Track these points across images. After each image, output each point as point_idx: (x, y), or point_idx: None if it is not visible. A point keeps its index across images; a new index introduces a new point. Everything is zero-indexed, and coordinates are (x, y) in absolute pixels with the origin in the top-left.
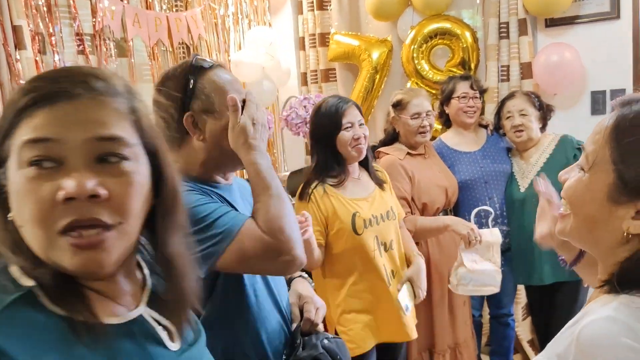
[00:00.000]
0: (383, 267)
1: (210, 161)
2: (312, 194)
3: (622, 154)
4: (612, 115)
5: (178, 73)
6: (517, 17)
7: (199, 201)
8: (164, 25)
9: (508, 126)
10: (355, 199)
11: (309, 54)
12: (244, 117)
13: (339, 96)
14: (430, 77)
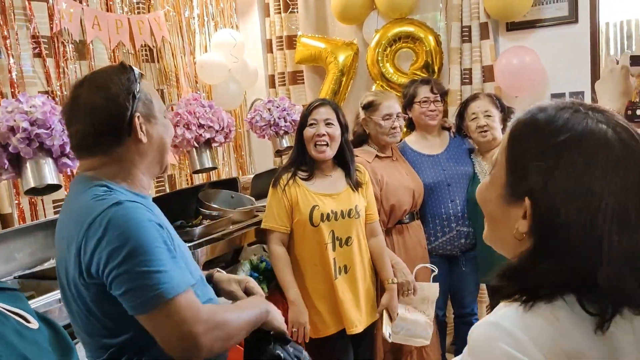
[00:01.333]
0: (333, 261)
1: (146, 164)
2: (281, 181)
3: (513, 156)
4: (513, 120)
5: (120, 76)
6: (479, 20)
7: (152, 234)
8: (126, 27)
9: (473, 127)
10: (320, 194)
11: (277, 56)
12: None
13: (323, 98)
14: (395, 80)
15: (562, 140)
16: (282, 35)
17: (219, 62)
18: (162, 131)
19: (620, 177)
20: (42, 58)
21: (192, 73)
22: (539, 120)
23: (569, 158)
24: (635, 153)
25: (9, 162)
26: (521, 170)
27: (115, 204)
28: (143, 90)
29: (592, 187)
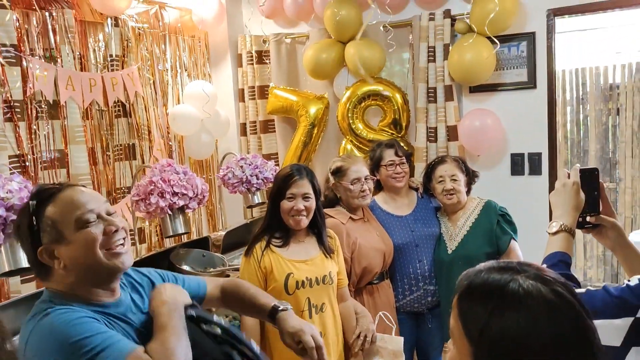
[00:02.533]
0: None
1: (81, 283)
2: (254, 250)
3: (468, 325)
4: (456, 290)
5: (22, 212)
6: (444, 83)
7: (78, 320)
8: (99, 85)
9: (439, 189)
10: (294, 260)
11: (248, 105)
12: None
13: (298, 165)
14: (364, 136)
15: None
16: (254, 85)
17: (191, 113)
18: (76, 251)
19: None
20: (13, 122)
21: (164, 124)
22: (477, 285)
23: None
24: (565, 304)
25: None
26: (486, 340)
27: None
28: (45, 216)
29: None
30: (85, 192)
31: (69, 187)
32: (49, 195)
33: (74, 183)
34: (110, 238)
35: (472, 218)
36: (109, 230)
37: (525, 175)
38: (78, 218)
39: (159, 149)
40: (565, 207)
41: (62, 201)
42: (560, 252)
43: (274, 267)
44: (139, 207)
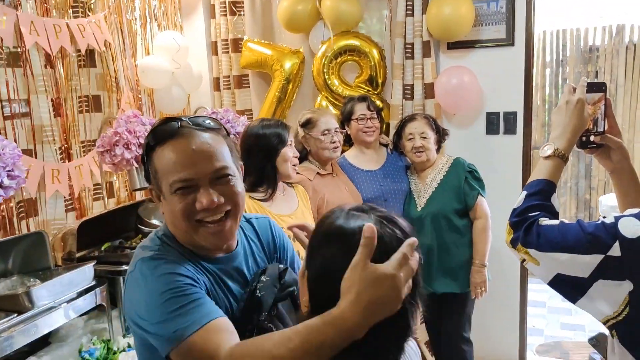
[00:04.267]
0: None
1: (180, 238)
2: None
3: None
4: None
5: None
6: (422, 39)
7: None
8: (65, 32)
9: (409, 147)
10: (282, 215)
11: (222, 59)
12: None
13: (273, 119)
14: (340, 92)
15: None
16: (227, 38)
17: (162, 65)
18: (168, 212)
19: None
20: None
21: (133, 77)
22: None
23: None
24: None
25: None
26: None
27: (140, 261)
28: (152, 160)
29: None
30: (192, 151)
31: (184, 135)
32: (163, 138)
33: (195, 125)
34: (204, 212)
35: (441, 175)
36: (203, 206)
37: (500, 134)
38: (173, 182)
39: (128, 101)
40: (565, 128)
41: (168, 153)
42: (545, 180)
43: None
44: (105, 159)
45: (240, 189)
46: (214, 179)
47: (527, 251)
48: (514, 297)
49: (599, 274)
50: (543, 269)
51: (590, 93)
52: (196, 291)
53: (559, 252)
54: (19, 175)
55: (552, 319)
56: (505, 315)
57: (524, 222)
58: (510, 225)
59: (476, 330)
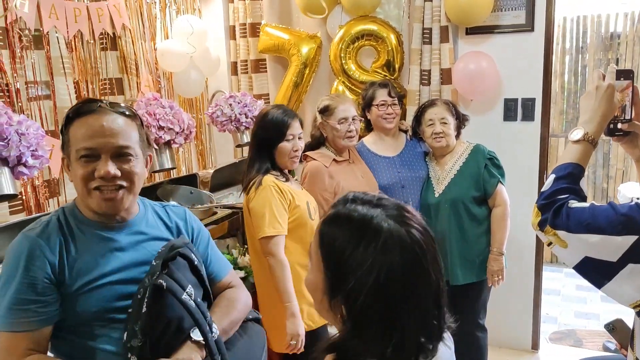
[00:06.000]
0: None
1: (83, 205)
2: (265, 182)
3: (325, 246)
4: (323, 217)
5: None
6: (440, 24)
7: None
8: (84, 15)
9: (429, 133)
10: (298, 191)
11: (240, 43)
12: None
13: (284, 108)
14: (357, 77)
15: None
16: (245, 22)
17: (180, 49)
18: (73, 178)
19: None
20: None
21: (152, 60)
22: (343, 214)
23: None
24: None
25: None
26: (334, 271)
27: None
28: (69, 131)
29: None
30: (102, 126)
31: (99, 112)
32: (81, 112)
33: (112, 107)
34: (101, 180)
35: (460, 161)
36: (100, 174)
37: (517, 121)
38: (79, 149)
39: (147, 85)
40: (595, 113)
41: (81, 125)
42: (574, 164)
43: (294, 195)
44: None
45: (139, 170)
46: (116, 154)
47: (556, 233)
48: (529, 284)
49: (630, 257)
50: (571, 251)
51: (618, 80)
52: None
53: (589, 234)
54: (42, 155)
55: (566, 307)
56: (519, 303)
57: (552, 204)
58: (538, 208)
59: (490, 317)
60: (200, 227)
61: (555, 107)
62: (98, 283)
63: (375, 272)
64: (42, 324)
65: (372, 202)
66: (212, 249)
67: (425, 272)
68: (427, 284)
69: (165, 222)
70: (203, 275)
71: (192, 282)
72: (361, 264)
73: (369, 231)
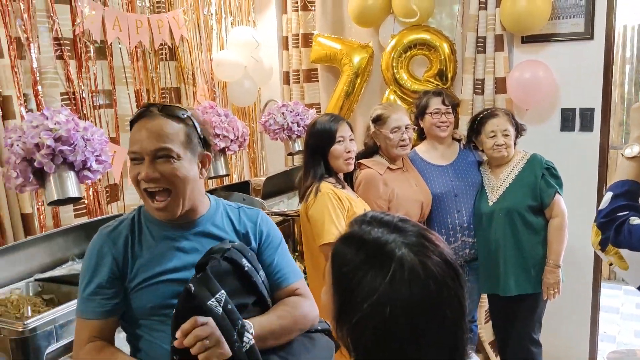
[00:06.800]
0: None
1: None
2: (322, 188)
3: (336, 265)
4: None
5: None
6: (495, 32)
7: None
8: (145, 27)
9: (490, 144)
10: (353, 198)
11: (292, 53)
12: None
13: (331, 114)
14: (409, 86)
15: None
16: (298, 32)
17: (235, 59)
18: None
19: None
20: (64, 59)
21: (208, 70)
22: (357, 233)
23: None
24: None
25: (33, 175)
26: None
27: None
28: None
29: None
30: (145, 130)
31: (147, 117)
32: (136, 117)
33: (161, 111)
34: (145, 182)
35: (516, 171)
36: (141, 176)
37: (575, 131)
38: (128, 153)
39: (203, 94)
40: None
41: (133, 129)
42: (631, 181)
43: (352, 203)
44: None
45: (183, 171)
46: (156, 156)
47: (618, 251)
48: (586, 300)
49: None
50: (634, 270)
51: None
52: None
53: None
54: (105, 160)
55: (626, 325)
56: (576, 319)
57: (613, 222)
58: (597, 227)
59: (545, 332)
60: (271, 231)
61: (614, 118)
62: (156, 280)
63: (381, 307)
64: (106, 315)
65: (391, 224)
66: (282, 254)
67: (437, 312)
68: (440, 325)
69: (234, 224)
70: (256, 281)
71: (234, 288)
72: (367, 297)
73: (380, 258)
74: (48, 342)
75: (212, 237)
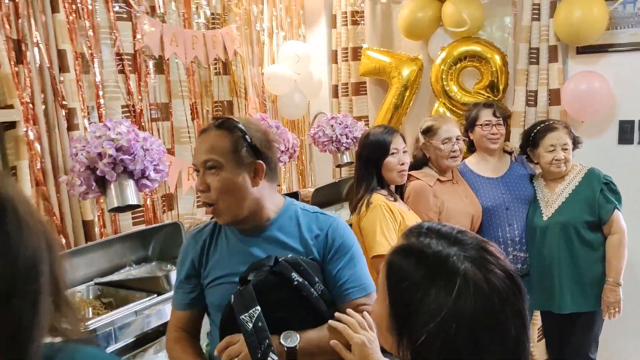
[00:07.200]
0: None
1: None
2: (375, 201)
3: (392, 279)
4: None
5: None
6: (548, 43)
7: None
8: (201, 42)
9: (549, 158)
10: (405, 211)
11: (341, 67)
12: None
13: (385, 126)
14: (458, 99)
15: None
16: (347, 46)
17: (285, 73)
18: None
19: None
20: (124, 74)
21: (259, 84)
22: (417, 247)
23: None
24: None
25: (95, 183)
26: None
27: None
28: None
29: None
30: (201, 143)
31: (205, 132)
32: (201, 130)
33: (215, 124)
34: (200, 192)
35: (573, 185)
36: (196, 187)
37: (634, 144)
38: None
39: (254, 107)
40: None
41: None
42: None
43: (404, 216)
44: None
45: (220, 181)
46: (205, 167)
47: None
48: None
49: None
50: None
51: None
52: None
53: None
54: (163, 169)
55: None
56: (635, 339)
57: None
58: None
59: (602, 351)
60: (344, 242)
61: None
62: (223, 280)
63: (447, 325)
64: (184, 307)
65: (450, 236)
66: (350, 267)
67: (501, 327)
68: (504, 341)
69: (301, 229)
70: (308, 295)
71: (281, 302)
72: (434, 316)
73: (443, 274)
74: (107, 342)
75: (277, 243)
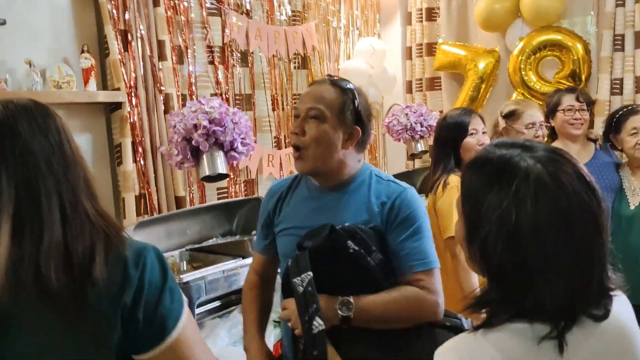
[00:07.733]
0: None
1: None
2: (453, 183)
3: (464, 204)
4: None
5: None
6: (634, 29)
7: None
8: (282, 37)
9: (632, 142)
10: None
11: (415, 62)
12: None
13: (462, 107)
14: (538, 89)
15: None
16: (422, 42)
17: (360, 68)
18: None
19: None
20: (214, 65)
21: None
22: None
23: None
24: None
25: (190, 153)
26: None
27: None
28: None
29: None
30: (311, 91)
31: (317, 83)
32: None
33: (329, 79)
34: (292, 135)
35: None
36: (290, 129)
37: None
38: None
39: None
40: None
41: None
42: None
43: None
44: None
45: (320, 133)
46: (308, 115)
47: None
48: None
49: None
50: None
51: None
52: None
53: None
54: (249, 142)
55: None
56: None
57: None
58: None
59: None
60: (410, 213)
61: None
62: (289, 231)
63: (508, 218)
64: (261, 251)
65: (518, 144)
66: (414, 239)
67: (569, 227)
68: (569, 239)
69: (370, 196)
70: (365, 264)
71: (335, 269)
72: (494, 210)
73: (506, 172)
74: (199, 294)
75: (341, 207)
